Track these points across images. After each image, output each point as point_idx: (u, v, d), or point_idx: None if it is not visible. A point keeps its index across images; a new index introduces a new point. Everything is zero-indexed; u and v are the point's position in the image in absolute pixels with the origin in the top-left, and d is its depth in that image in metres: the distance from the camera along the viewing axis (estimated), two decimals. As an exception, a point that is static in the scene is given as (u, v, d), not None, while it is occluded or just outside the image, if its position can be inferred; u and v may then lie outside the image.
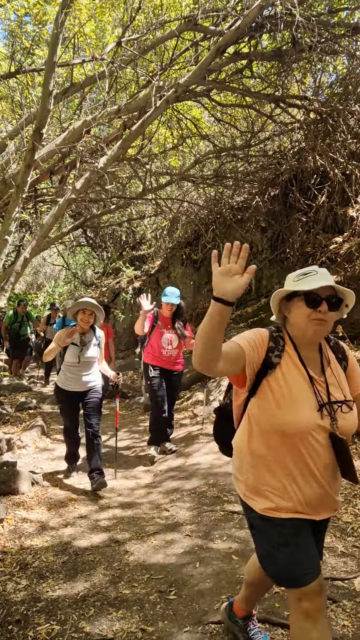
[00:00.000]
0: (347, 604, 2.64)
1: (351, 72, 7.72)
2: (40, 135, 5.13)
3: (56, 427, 7.19)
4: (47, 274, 26.97)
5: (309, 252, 8.47)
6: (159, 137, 9.47)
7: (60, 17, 4.82)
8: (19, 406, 7.95)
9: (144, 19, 7.57)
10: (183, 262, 11.91)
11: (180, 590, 2.94)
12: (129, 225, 15.50)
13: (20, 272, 5.89)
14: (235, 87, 7.56)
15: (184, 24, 6.48)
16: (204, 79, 6.43)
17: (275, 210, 9.10)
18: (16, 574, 3.18)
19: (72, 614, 2.74)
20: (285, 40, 6.96)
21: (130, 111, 6.85)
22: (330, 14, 6.96)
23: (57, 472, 5.28)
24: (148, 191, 9.06)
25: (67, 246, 17.80)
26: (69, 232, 10.21)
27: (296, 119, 8.39)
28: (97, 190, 9.50)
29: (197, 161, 9.49)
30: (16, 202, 5.35)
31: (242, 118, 9.52)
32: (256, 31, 6.32)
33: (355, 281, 7.30)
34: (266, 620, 2.53)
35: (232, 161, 10.00)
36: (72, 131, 6.36)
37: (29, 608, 2.81)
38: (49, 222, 6.05)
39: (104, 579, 3.12)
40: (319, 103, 7.65)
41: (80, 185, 6.13)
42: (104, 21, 8.20)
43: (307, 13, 6.39)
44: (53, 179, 8.00)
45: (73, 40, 7.00)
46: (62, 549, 3.56)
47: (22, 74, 6.94)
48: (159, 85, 6.25)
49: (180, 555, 3.37)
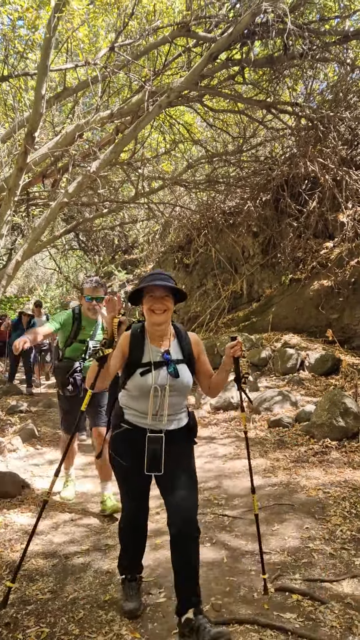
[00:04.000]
0: (335, 606, 2.66)
1: (341, 80, 7.82)
2: (33, 138, 5.14)
3: (47, 431, 7.17)
4: (39, 277, 26.90)
5: (299, 257, 8.55)
6: (151, 142, 9.52)
7: (52, 22, 4.85)
8: (10, 409, 7.92)
9: (137, 24, 7.62)
10: (175, 266, 11.94)
11: (169, 592, 2.94)
12: (122, 229, 15.54)
13: (12, 275, 5.89)
14: (227, 93, 7.63)
15: (177, 30, 6.54)
16: (197, 84, 6.49)
17: (267, 215, 9.17)
18: (6, 577, 3.17)
19: (62, 617, 2.74)
20: (277, 48, 7.04)
21: (123, 116, 6.89)
22: (321, 22, 7.05)
23: (47, 476, 5.27)
24: (140, 195, 9.09)
25: (60, 249, 17.79)
26: (61, 235, 10.22)
27: (288, 125, 8.48)
28: (90, 194, 9.52)
29: (190, 166, 9.55)
30: (8, 205, 5.35)
31: (234, 124, 9.60)
32: (248, 38, 6.39)
33: (345, 286, 7.37)
34: (255, 622, 2.55)
35: (224, 166, 10.07)
36: (65, 135, 6.38)
37: (19, 611, 2.80)
38: (41, 226, 6.06)
39: (94, 582, 3.12)
40: (310, 109, 7.74)
41: (73, 189, 6.15)
42: (97, 26, 8.24)
43: (299, 21, 6.47)
44: (45, 183, 8.02)
45: (66, 45, 7.03)
46: (52, 552, 3.55)
47: (15, 77, 6.95)
48: (151, 90, 6.29)
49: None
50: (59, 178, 7.57)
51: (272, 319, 8.50)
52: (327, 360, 7.01)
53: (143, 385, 2.56)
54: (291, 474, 4.62)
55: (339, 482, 4.30)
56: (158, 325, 2.60)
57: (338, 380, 6.69)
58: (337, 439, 5.16)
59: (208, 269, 10.92)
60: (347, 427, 5.18)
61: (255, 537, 3.43)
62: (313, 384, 6.88)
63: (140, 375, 2.57)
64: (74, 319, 4.28)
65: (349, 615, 2.57)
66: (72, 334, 4.30)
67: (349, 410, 5.22)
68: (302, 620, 2.55)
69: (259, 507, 3.74)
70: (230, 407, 6.95)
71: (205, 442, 6.03)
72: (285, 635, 2.44)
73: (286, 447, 5.36)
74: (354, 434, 5.18)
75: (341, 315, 7.50)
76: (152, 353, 2.62)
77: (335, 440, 5.15)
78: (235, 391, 6.77)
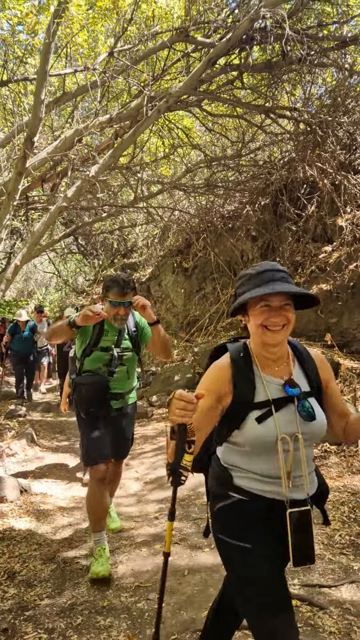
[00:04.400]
0: (334, 611, 2.65)
1: (340, 85, 7.85)
2: (32, 143, 5.16)
3: (45, 436, 7.16)
4: (38, 281, 26.88)
5: (298, 261, 8.55)
6: (150, 146, 9.55)
7: (52, 27, 4.87)
8: (8, 414, 7.92)
9: (136, 29, 7.65)
10: (174, 270, 11.95)
11: (168, 598, 2.93)
12: (121, 233, 15.56)
13: (11, 279, 5.90)
14: (226, 98, 7.65)
15: (176, 35, 6.56)
16: (195, 89, 6.51)
17: (266, 219, 9.18)
18: (4, 582, 3.16)
19: (60, 623, 2.73)
20: (276, 53, 7.06)
21: (122, 120, 6.91)
22: (319, 28, 7.08)
23: (45, 480, 5.26)
24: (139, 199, 9.11)
25: (59, 253, 17.81)
26: (60, 239, 10.23)
27: (286, 130, 8.50)
28: (89, 198, 9.54)
29: (189, 170, 9.57)
30: (7, 209, 5.36)
31: (232, 128, 9.63)
32: (247, 43, 6.41)
33: (344, 290, 7.38)
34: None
35: (223, 170, 10.09)
36: (64, 140, 6.40)
37: (17, 617, 2.79)
38: (40, 230, 6.07)
39: (92, 587, 3.11)
40: (309, 114, 7.76)
41: (72, 193, 6.16)
42: (96, 31, 8.27)
43: (297, 26, 6.49)
44: (44, 187, 8.03)
45: (65, 50, 7.06)
46: (51, 557, 3.54)
47: (15, 82, 6.98)
48: (150, 95, 6.31)
49: (168, 563, 3.36)
50: (58, 182, 7.58)
51: (271, 323, 8.49)
52: (326, 365, 7.01)
53: (263, 436, 1.72)
54: (290, 479, 4.61)
55: (338, 486, 4.29)
56: (274, 346, 1.78)
57: (337, 384, 6.69)
58: (336, 444, 5.15)
59: (207, 273, 10.93)
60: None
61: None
62: (312, 388, 6.88)
63: (257, 423, 1.73)
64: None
65: (347, 620, 2.57)
66: (92, 341, 3.44)
67: (348, 415, 5.21)
68: (300, 625, 2.54)
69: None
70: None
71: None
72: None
73: (285, 452, 5.35)
74: (353, 438, 5.17)
75: (340, 319, 7.51)
76: (269, 387, 1.78)
77: (335, 445, 5.13)
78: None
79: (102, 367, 3.47)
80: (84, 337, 3.45)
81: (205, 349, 8.28)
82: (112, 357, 3.45)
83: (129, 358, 3.55)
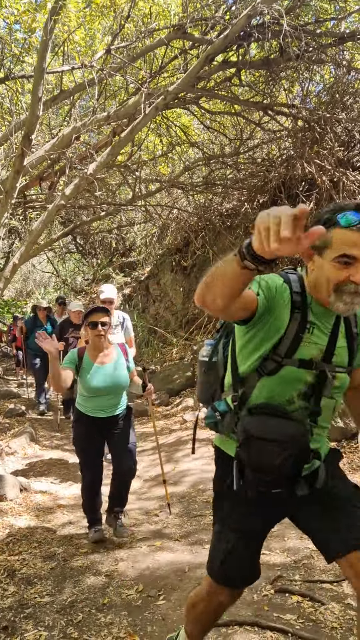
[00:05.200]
0: (335, 607, 2.64)
1: (338, 81, 7.83)
2: (30, 141, 5.15)
3: (45, 434, 7.15)
4: (36, 281, 26.86)
5: (297, 258, 8.54)
6: (148, 144, 9.52)
7: (49, 24, 4.86)
8: (8, 413, 7.90)
9: (133, 27, 7.63)
10: (173, 268, 11.93)
11: (169, 595, 2.92)
12: (119, 232, 15.54)
13: (9, 278, 5.89)
14: (224, 95, 7.64)
15: (173, 33, 6.54)
16: (193, 86, 6.50)
17: (264, 217, 9.15)
18: (4, 580, 3.15)
19: (60, 620, 2.72)
20: (273, 49, 7.05)
21: (120, 118, 6.89)
22: (317, 24, 7.07)
23: (45, 479, 5.25)
24: (138, 198, 9.09)
25: (57, 253, 17.77)
26: (59, 238, 10.22)
27: (284, 127, 8.49)
28: (87, 197, 9.52)
29: (187, 168, 9.55)
30: (5, 208, 5.35)
31: (231, 126, 9.60)
32: (244, 40, 6.40)
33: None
34: (255, 623, 2.53)
35: (221, 168, 10.07)
36: (62, 137, 6.38)
37: (17, 614, 2.78)
38: (38, 228, 6.05)
39: (92, 584, 3.10)
40: (307, 111, 7.74)
41: (70, 192, 6.14)
42: (93, 29, 8.25)
43: (295, 22, 6.47)
44: (42, 185, 8.02)
45: (62, 48, 7.03)
46: (51, 555, 3.53)
47: (12, 80, 6.95)
48: (148, 92, 6.30)
49: (169, 560, 3.36)
50: (56, 181, 7.57)
51: (270, 321, 8.49)
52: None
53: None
54: (290, 475, 4.60)
55: (338, 482, 4.28)
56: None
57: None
58: (336, 440, 5.14)
59: (206, 271, 10.91)
60: (347, 427, 5.16)
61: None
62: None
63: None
64: None
65: (349, 616, 2.56)
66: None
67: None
68: (302, 621, 2.54)
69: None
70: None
71: (205, 443, 6.01)
72: (286, 636, 2.43)
73: (285, 449, 5.34)
74: (353, 434, 5.16)
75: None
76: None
77: (335, 441, 5.13)
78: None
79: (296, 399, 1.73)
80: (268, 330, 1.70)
81: (205, 347, 8.26)
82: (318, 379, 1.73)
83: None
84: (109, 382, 3.52)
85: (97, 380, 3.50)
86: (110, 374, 3.54)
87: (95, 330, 3.44)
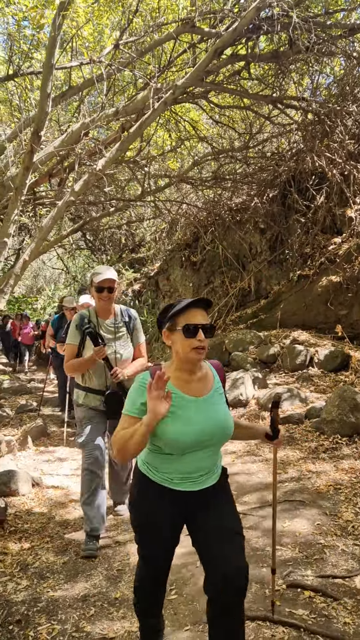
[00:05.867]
0: (348, 602, 2.64)
1: (348, 73, 7.76)
2: (39, 137, 5.14)
3: (56, 430, 7.19)
4: (46, 278, 26.99)
5: (307, 253, 8.50)
6: (157, 140, 9.51)
7: (57, 20, 4.85)
8: (19, 408, 7.96)
9: (141, 21, 7.61)
10: (182, 264, 11.92)
11: (180, 589, 2.93)
12: (128, 227, 15.54)
13: (20, 274, 5.90)
14: (233, 89, 7.60)
15: (182, 26, 6.51)
16: (202, 80, 6.46)
17: (274, 211, 9.12)
18: (17, 574, 3.18)
19: (73, 614, 2.74)
20: (283, 42, 6.99)
21: (129, 113, 6.87)
22: (327, 16, 7.00)
23: (57, 474, 5.28)
24: (147, 193, 9.08)
25: (67, 249, 17.82)
26: (68, 234, 10.23)
27: (294, 120, 8.43)
28: (96, 193, 9.52)
29: (196, 163, 9.52)
30: (15, 204, 5.36)
31: (240, 120, 9.56)
32: (253, 33, 6.35)
33: (354, 282, 7.32)
34: (267, 618, 2.53)
35: (231, 163, 10.03)
36: (71, 134, 6.38)
37: (30, 608, 2.80)
38: (48, 225, 6.06)
39: (104, 579, 3.12)
40: (317, 104, 7.69)
41: (79, 188, 6.14)
42: (101, 24, 8.24)
43: (304, 14, 6.42)
44: (52, 182, 8.03)
45: (71, 44, 7.03)
46: (63, 549, 3.55)
47: (21, 77, 6.97)
48: (156, 87, 6.27)
49: (180, 554, 3.36)
50: (65, 177, 7.58)
51: (280, 316, 8.45)
52: (337, 357, 6.95)
53: None
54: (302, 470, 4.59)
55: (350, 478, 4.27)
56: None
57: (348, 376, 6.63)
58: (347, 435, 5.12)
59: (215, 267, 10.89)
60: (358, 423, 5.13)
61: (265, 533, 3.42)
62: (322, 380, 6.83)
63: None
64: None
65: (362, 611, 2.55)
66: None
67: (359, 406, 5.18)
68: (314, 616, 2.53)
69: (269, 503, 3.72)
70: (239, 405, 6.92)
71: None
72: (298, 631, 2.42)
73: (296, 444, 5.33)
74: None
75: (350, 311, 7.45)
76: None
77: (346, 436, 5.10)
78: (244, 388, 6.76)
79: None
80: None
81: (214, 343, 8.25)
82: None
83: None
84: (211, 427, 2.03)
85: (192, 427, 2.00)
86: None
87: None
